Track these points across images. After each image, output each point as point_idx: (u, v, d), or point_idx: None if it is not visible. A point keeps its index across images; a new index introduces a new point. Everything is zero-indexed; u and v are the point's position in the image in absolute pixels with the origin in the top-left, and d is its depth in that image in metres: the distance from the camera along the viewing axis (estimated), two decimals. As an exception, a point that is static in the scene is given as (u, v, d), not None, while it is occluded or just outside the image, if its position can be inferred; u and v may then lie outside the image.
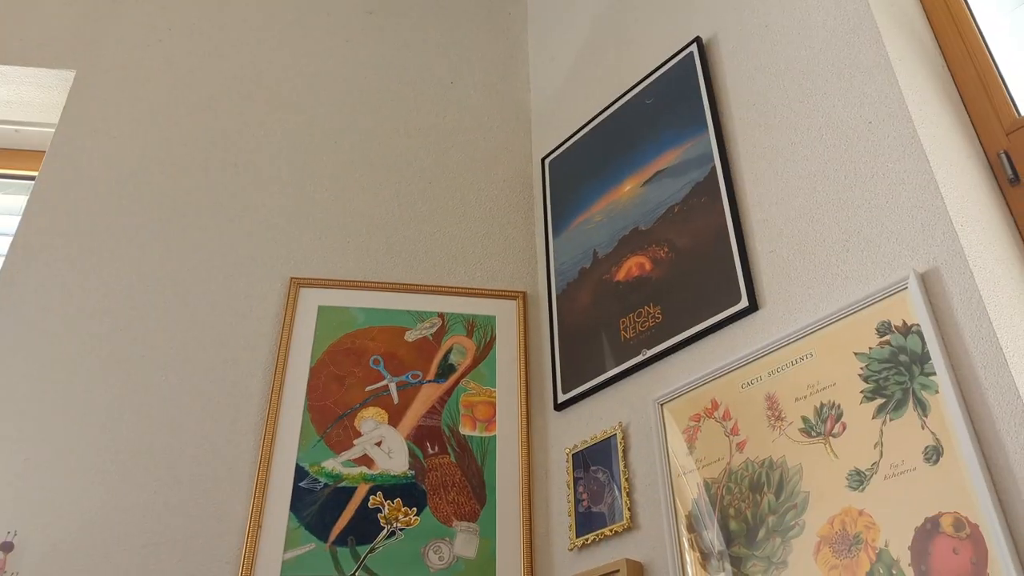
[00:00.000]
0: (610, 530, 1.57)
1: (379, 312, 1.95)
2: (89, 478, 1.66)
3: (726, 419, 1.46)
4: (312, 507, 1.67)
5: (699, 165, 1.75)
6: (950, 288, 1.23)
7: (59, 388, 1.75)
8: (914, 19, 1.77)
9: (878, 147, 1.44)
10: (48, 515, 1.61)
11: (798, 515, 1.28)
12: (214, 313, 1.89)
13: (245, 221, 2.05)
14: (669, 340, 1.63)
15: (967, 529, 1.08)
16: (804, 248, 1.48)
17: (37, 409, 1.72)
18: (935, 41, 1.77)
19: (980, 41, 1.73)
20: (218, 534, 1.63)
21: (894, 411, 1.21)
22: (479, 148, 2.32)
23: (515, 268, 2.11)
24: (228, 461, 1.72)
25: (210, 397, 1.79)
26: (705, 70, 1.85)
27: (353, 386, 1.83)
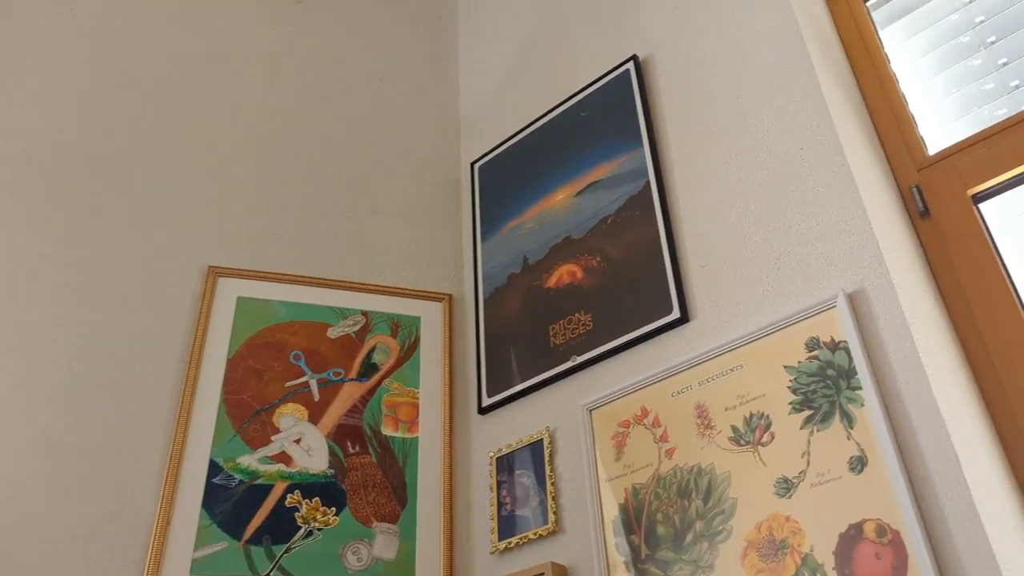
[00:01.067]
0: (534, 533, 1.57)
1: (301, 307, 1.89)
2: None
3: (655, 426, 1.49)
4: (225, 504, 1.60)
5: (633, 179, 1.79)
6: (875, 308, 1.30)
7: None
8: (838, 58, 1.87)
9: (809, 173, 1.51)
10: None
11: (726, 520, 1.32)
12: (126, 299, 1.80)
13: (161, 205, 1.96)
14: (599, 348, 1.66)
15: (889, 535, 1.14)
16: (736, 264, 1.53)
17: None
18: (855, 80, 1.87)
19: (894, 83, 1.84)
20: (124, 531, 1.54)
21: (821, 422, 1.27)
22: (407, 147, 2.30)
23: (442, 270, 2.09)
24: (137, 454, 1.63)
25: (119, 387, 1.69)
26: (641, 88, 1.90)
27: (272, 381, 1.77)
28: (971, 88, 1.78)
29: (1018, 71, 1.73)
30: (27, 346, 1.68)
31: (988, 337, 1.44)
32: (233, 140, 2.12)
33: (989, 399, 1.38)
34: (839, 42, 1.95)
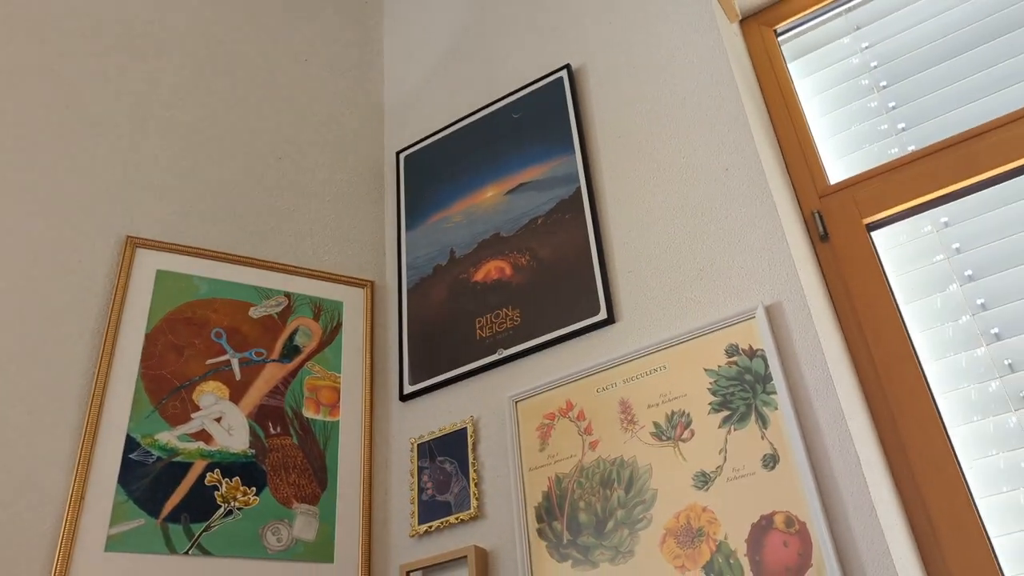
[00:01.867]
0: (456, 518, 1.63)
1: (223, 284, 1.87)
2: None
3: (580, 419, 1.58)
4: (143, 481, 1.57)
5: (565, 183, 1.87)
6: (791, 320, 1.44)
7: None
8: (753, 84, 2.02)
9: (734, 191, 1.63)
10: None
11: (646, 510, 1.42)
12: (39, 267, 1.72)
13: (78, 170, 1.88)
14: (526, 342, 1.73)
15: (796, 526, 1.27)
16: (661, 272, 1.64)
17: None
18: (767, 107, 2.03)
19: (801, 113, 2.01)
20: (35, 505, 1.49)
21: (738, 422, 1.39)
22: (331, 130, 2.30)
23: (364, 256, 2.11)
24: (48, 427, 1.57)
25: (30, 357, 1.62)
26: (574, 96, 1.98)
27: (193, 358, 1.75)
28: (866, 125, 1.97)
29: (905, 115, 1.93)
30: (-71, 307, 1.59)
31: (876, 353, 1.61)
32: (155, 109, 2.06)
33: (875, 408, 1.55)
34: (752, 68, 2.10)
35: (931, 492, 1.43)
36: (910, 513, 1.43)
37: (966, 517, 1.39)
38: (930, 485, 1.43)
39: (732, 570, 1.29)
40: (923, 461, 1.46)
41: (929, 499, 1.43)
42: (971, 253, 1.69)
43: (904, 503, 1.44)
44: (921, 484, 1.44)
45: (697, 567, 1.32)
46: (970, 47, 1.88)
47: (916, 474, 1.46)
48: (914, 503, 1.44)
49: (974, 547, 1.35)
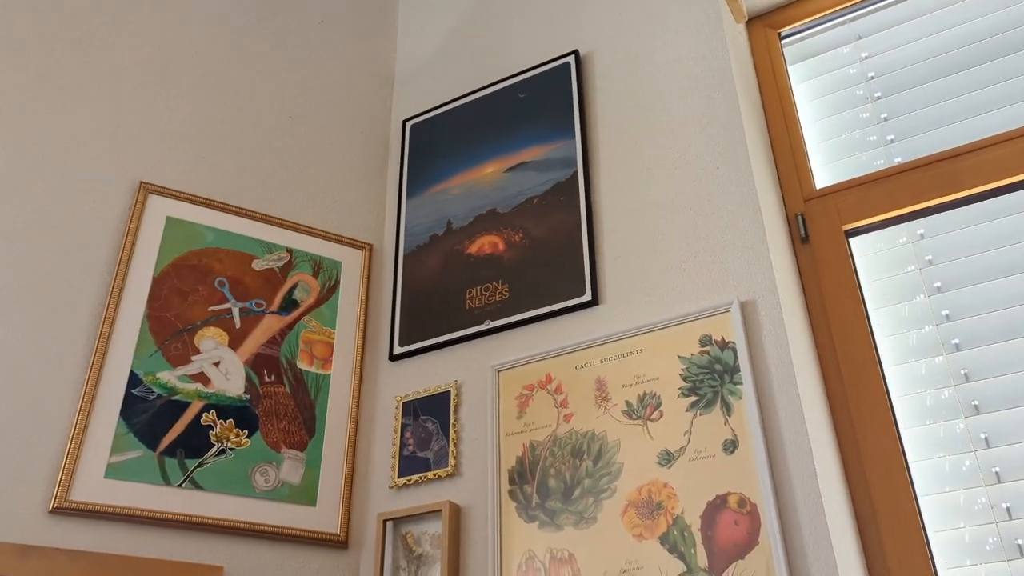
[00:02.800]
0: (434, 474, 1.73)
1: (228, 235, 1.95)
2: None
3: (558, 392, 1.67)
4: (143, 415, 1.67)
5: (563, 167, 1.96)
6: (762, 318, 1.53)
7: None
8: (752, 83, 2.09)
9: (722, 191, 1.72)
10: None
11: (611, 481, 1.53)
12: (56, 205, 1.80)
13: (96, 115, 1.94)
14: (513, 316, 1.82)
15: (748, 507, 1.37)
16: (645, 261, 1.73)
17: None
18: (763, 106, 2.11)
19: (795, 116, 2.09)
20: (40, 430, 1.58)
21: (704, 408, 1.49)
22: (342, 94, 2.36)
23: (364, 219, 2.19)
24: (56, 357, 1.66)
25: (41, 289, 1.70)
26: (579, 82, 2.06)
27: (196, 303, 1.83)
28: (856, 135, 2.04)
29: (895, 127, 2.01)
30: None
31: (841, 353, 1.71)
32: (174, 60, 2.12)
33: (835, 405, 1.65)
34: (753, 69, 2.17)
35: (878, 487, 1.54)
36: (856, 505, 1.54)
37: (907, 513, 1.50)
38: (878, 480, 1.54)
39: (686, 542, 1.40)
40: (874, 458, 1.56)
41: (875, 493, 1.54)
42: (942, 266, 1.78)
43: (852, 495, 1.55)
44: (870, 478, 1.55)
45: (654, 537, 1.43)
46: (965, 67, 1.95)
47: (866, 469, 1.56)
48: (861, 496, 1.55)
49: (912, 541, 1.47)
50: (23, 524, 1.50)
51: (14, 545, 1.45)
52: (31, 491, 1.53)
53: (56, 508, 1.52)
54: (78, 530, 1.53)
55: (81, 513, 1.53)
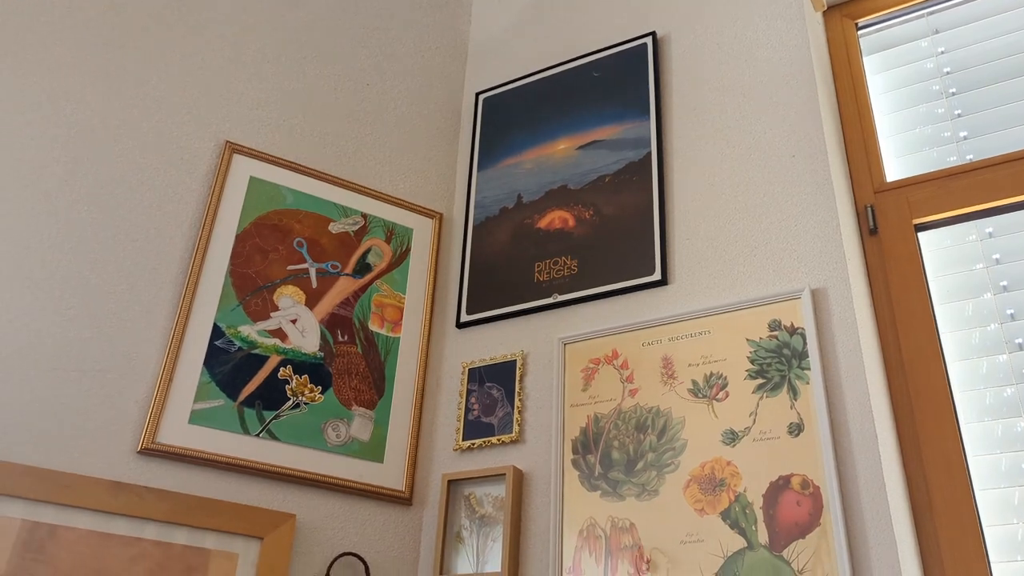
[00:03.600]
0: (498, 439, 1.79)
1: (307, 197, 2.01)
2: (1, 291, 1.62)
3: (624, 368, 1.72)
4: (225, 366, 1.74)
5: (635, 147, 1.99)
6: (833, 306, 1.56)
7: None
8: (827, 72, 2.10)
9: (796, 178, 1.74)
10: (-48, 318, 1.56)
11: (675, 456, 1.57)
12: (144, 157, 1.87)
13: (184, 74, 2.01)
14: (581, 291, 1.87)
15: (811, 488, 1.41)
16: (716, 244, 1.76)
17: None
18: (836, 96, 2.11)
19: (869, 107, 2.09)
20: (130, 374, 1.66)
21: (771, 391, 1.53)
22: (416, 63, 2.40)
23: (434, 189, 2.24)
24: (145, 305, 1.74)
25: (133, 239, 1.78)
26: (655, 63, 2.08)
27: (276, 262, 1.90)
28: (928, 130, 2.05)
29: (969, 124, 2.00)
30: (48, 185, 1.74)
31: (904, 346, 1.73)
32: (259, 25, 2.18)
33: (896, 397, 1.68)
34: (829, 59, 2.18)
35: (935, 479, 1.57)
36: (913, 495, 1.57)
37: (964, 506, 1.53)
38: (936, 473, 1.57)
39: (747, 519, 1.44)
40: (933, 450, 1.59)
41: (932, 485, 1.57)
42: (1009, 265, 1.79)
43: (909, 485, 1.58)
44: (928, 470, 1.57)
45: (715, 512, 1.48)
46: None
47: (924, 461, 1.59)
48: (918, 486, 1.58)
49: (967, 534, 1.50)
50: (115, 462, 1.58)
51: (108, 481, 1.54)
52: (123, 432, 1.61)
53: (144, 449, 1.60)
54: (164, 470, 1.61)
55: (167, 455, 1.62)
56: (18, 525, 1.44)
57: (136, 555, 1.49)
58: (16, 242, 1.66)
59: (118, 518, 1.51)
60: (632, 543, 1.53)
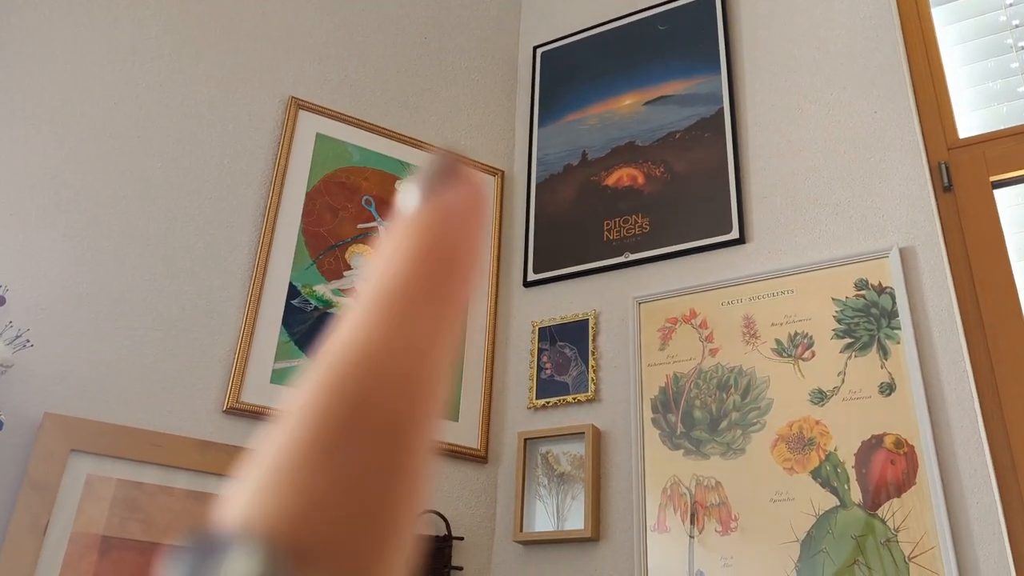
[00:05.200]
0: (573, 398, 1.79)
1: (373, 154, 1.99)
2: (83, 250, 1.61)
3: (703, 327, 1.71)
4: (303, 326, 1.74)
5: (707, 102, 1.95)
6: (922, 264, 1.55)
7: (60, 159, 1.65)
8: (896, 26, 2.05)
9: (880, 135, 1.71)
10: (40, 277, 1.55)
11: (761, 416, 1.57)
12: (212, 113, 1.84)
13: (249, 32, 1.97)
14: (654, 250, 1.85)
15: (905, 448, 1.41)
16: (797, 202, 1.74)
17: (39, 174, 1.62)
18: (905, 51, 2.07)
19: (940, 62, 2.05)
20: (211, 332, 1.66)
21: (859, 350, 1.52)
22: (472, 15, 2.36)
23: (494, 145, 2.21)
24: (223, 264, 1.73)
25: (207, 196, 1.77)
26: (724, 16, 2.03)
27: (346, 220, 1.88)
28: (998, 84, 2.01)
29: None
30: (125, 144, 1.72)
31: (984, 303, 1.71)
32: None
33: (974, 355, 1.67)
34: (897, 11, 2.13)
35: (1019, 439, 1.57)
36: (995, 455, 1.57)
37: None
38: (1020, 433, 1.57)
39: (839, 478, 1.45)
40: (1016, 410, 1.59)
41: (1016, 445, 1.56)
42: (1086, 223, 1.76)
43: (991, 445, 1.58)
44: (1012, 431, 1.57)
45: (805, 471, 1.48)
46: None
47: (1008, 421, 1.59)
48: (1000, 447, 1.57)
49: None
50: (202, 421, 1.59)
51: (195, 440, 1.54)
52: (207, 391, 1.61)
53: (229, 408, 1.60)
54: (249, 429, 1.62)
55: (251, 414, 1.62)
56: (114, 484, 1.45)
57: (228, 513, 1.50)
58: (94, 201, 1.65)
59: (206, 476, 1.52)
60: (719, 501, 1.54)
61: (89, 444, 1.46)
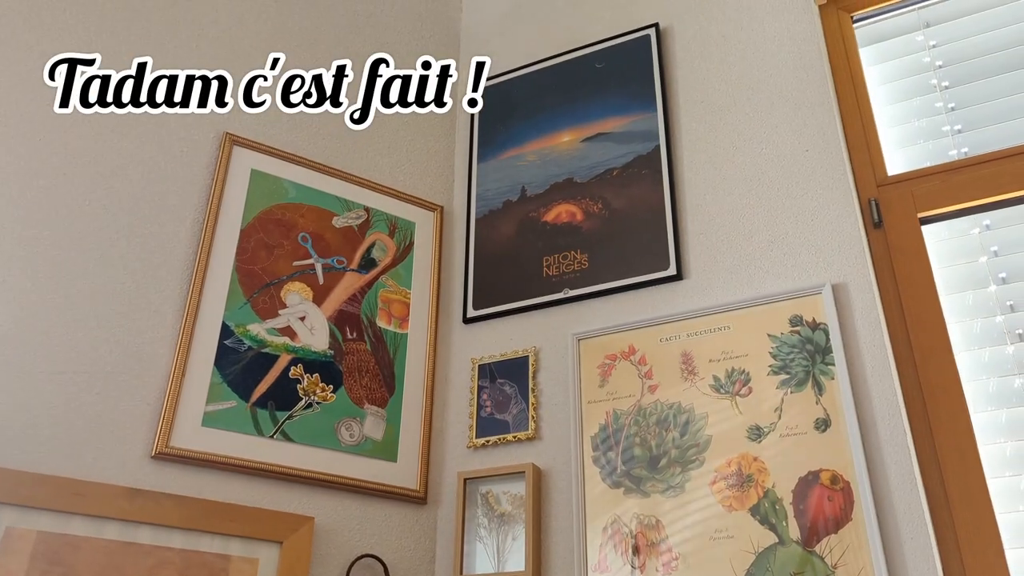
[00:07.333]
0: (513, 436, 1.78)
1: (309, 190, 1.96)
2: (2, 289, 1.54)
3: (642, 364, 1.72)
4: (235, 366, 1.69)
5: (643, 139, 1.98)
6: (855, 301, 1.58)
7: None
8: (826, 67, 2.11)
9: (811, 173, 1.75)
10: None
11: (699, 452, 1.58)
12: (144, 150, 1.80)
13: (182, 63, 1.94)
14: (593, 286, 1.86)
15: (841, 484, 1.43)
16: (732, 239, 1.77)
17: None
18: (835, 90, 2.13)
19: (868, 100, 2.11)
20: (140, 375, 1.61)
21: (795, 386, 1.54)
22: (409, 51, 2.36)
23: (433, 181, 2.20)
24: (153, 304, 1.67)
25: (137, 234, 1.71)
26: (660, 55, 2.07)
27: (281, 257, 1.85)
28: (924, 122, 2.07)
29: (962, 118, 2.04)
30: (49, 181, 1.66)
31: (915, 338, 1.75)
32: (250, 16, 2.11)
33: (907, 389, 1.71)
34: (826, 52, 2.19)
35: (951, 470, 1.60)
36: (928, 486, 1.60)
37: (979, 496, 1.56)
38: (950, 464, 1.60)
39: (777, 515, 1.45)
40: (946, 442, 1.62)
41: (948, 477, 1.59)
42: (1007, 258, 1.83)
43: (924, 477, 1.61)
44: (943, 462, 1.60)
45: (744, 508, 1.49)
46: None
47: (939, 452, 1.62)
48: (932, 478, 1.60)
49: (984, 524, 1.53)
50: (129, 468, 1.53)
51: (123, 488, 1.48)
52: (135, 436, 1.56)
53: (159, 453, 1.55)
54: (179, 474, 1.56)
55: (181, 459, 1.57)
56: (34, 536, 1.38)
57: (156, 563, 1.45)
58: (17, 240, 1.59)
59: (135, 525, 1.46)
60: (660, 539, 1.54)
61: (8, 495, 1.39)
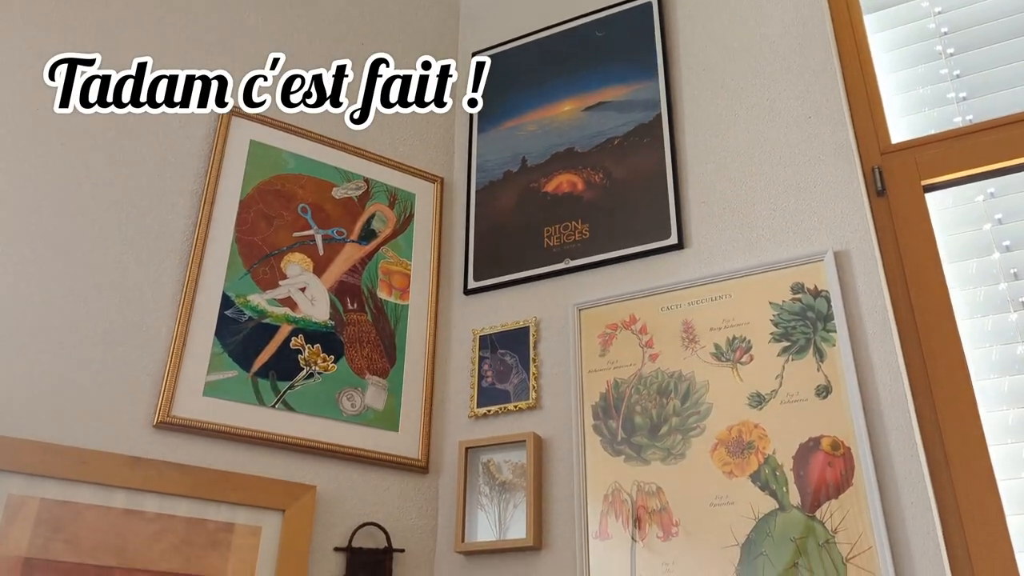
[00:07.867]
0: (514, 406, 1.78)
1: (309, 161, 1.95)
2: (5, 263, 1.54)
3: (643, 333, 1.71)
4: (236, 336, 1.69)
5: (645, 108, 1.96)
6: (856, 268, 1.57)
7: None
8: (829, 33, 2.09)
9: (813, 139, 1.74)
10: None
11: (700, 420, 1.57)
12: (142, 122, 1.79)
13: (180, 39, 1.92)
14: (594, 256, 1.85)
15: (841, 450, 1.43)
16: (733, 207, 1.76)
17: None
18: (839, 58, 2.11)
19: (872, 67, 2.09)
20: (140, 345, 1.61)
21: (796, 354, 1.54)
22: (409, 22, 2.33)
23: (433, 152, 2.19)
24: (153, 275, 1.67)
25: (136, 206, 1.71)
26: (662, 23, 2.04)
27: (281, 228, 1.84)
28: (929, 90, 2.05)
29: (967, 84, 2.02)
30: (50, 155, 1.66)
31: (917, 305, 1.74)
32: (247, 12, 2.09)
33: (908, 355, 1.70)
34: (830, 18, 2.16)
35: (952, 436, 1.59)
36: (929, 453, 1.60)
37: (980, 463, 1.56)
38: (952, 431, 1.59)
39: (777, 481, 1.45)
40: (948, 409, 1.62)
41: (949, 443, 1.59)
42: (1011, 225, 1.81)
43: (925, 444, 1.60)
44: (944, 429, 1.60)
45: (744, 475, 1.49)
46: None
47: (940, 419, 1.61)
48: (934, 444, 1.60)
49: (986, 491, 1.53)
50: (131, 437, 1.53)
51: (125, 456, 1.49)
52: (137, 406, 1.56)
53: (160, 423, 1.55)
54: (180, 443, 1.57)
55: (183, 428, 1.57)
56: (37, 504, 1.39)
57: (158, 531, 1.45)
58: (16, 213, 1.59)
59: (138, 493, 1.47)
60: (660, 506, 1.54)
61: (12, 463, 1.40)
